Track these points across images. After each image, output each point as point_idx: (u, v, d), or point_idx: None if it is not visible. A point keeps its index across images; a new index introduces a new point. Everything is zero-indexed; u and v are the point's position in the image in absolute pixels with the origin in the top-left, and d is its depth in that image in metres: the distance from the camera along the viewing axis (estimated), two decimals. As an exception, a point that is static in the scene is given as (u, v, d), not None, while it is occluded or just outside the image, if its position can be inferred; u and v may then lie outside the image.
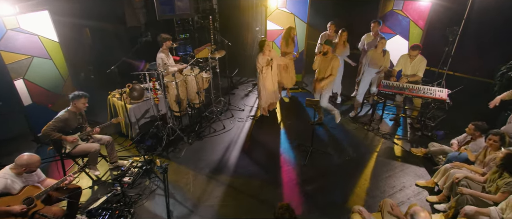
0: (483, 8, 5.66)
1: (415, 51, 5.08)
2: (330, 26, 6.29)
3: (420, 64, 5.17)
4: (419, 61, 5.19)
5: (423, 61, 5.16)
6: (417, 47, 5.08)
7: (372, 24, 6.02)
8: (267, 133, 5.57)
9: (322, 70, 5.27)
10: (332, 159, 4.79)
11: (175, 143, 5.14)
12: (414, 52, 5.08)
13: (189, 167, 4.57)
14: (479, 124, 3.96)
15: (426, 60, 5.17)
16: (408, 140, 5.27)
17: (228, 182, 4.27)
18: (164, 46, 5.24)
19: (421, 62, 5.17)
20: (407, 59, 5.29)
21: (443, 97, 4.77)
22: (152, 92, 4.62)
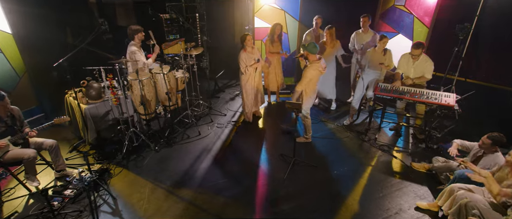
0: (500, 2, 4.92)
1: (418, 50, 4.34)
2: (316, 19, 5.61)
3: (425, 64, 4.43)
4: (423, 61, 4.45)
5: (429, 61, 4.43)
6: (420, 45, 4.34)
7: (362, 19, 5.32)
8: (247, 141, 4.89)
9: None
10: (317, 173, 4.08)
11: (140, 150, 4.51)
12: (417, 50, 4.34)
13: (149, 179, 3.92)
14: (496, 136, 3.20)
15: (431, 61, 4.44)
16: (410, 153, 4.52)
17: (190, 198, 3.60)
18: (136, 39, 4.67)
19: (426, 62, 4.43)
20: (409, 59, 4.56)
21: (451, 103, 4.03)
22: (109, 91, 4.02)
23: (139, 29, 4.65)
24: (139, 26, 4.65)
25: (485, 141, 3.27)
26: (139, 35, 4.67)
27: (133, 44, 4.68)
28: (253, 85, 5.05)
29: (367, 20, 5.33)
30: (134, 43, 4.68)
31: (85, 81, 4.15)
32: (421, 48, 4.35)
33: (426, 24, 5.34)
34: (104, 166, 4.05)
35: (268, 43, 5.60)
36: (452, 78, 5.55)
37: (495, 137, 3.19)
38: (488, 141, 3.24)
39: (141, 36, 4.69)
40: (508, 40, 5.01)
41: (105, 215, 3.32)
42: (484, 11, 5.08)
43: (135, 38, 4.68)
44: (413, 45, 4.37)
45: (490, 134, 3.25)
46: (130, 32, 4.64)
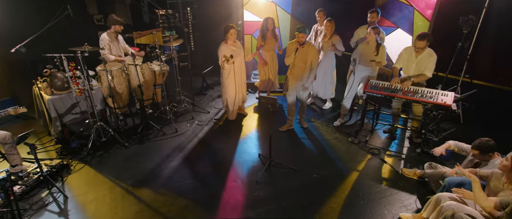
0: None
1: (423, 41, 3.80)
2: (318, 13, 5.22)
3: (429, 60, 3.89)
4: (427, 56, 3.91)
5: (433, 56, 3.89)
6: (426, 36, 3.80)
7: (370, 15, 4.85)
8: (226, 140, 4.53)
9: (298, 63, 4.32)
10: (295, 177, 3.68)
11: (109, 146, 4.22)
12: (422, 42, 3.80)
13: (110, 177, 3.62)
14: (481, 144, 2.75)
15: (435, 56, 3.92)
16: (402, 159, 4.06)
17: (149, 199, 3.26)
18: (112, 29, 4.42)
19: (430, 57, 3.89)
20: (411, 53, 4.01)
21: (447, 103, 3.56)
22: (72, 82, 3.74)
23: (119, 21, 4.39)
24: (121, 18, 4.39)
25: (473, 152, 2.82)
26: (116, 27, 4.42)
27: (108, 33, 4.43)
28: (234, 81, 4.71)
29: (376, 15, 4.82)
30: (108, 32, 4.43)
31: (47, 70, 3.89)
32: (427, 40, 3.81)
33: (427, 17, 4.86)
34: (64, 161, 3.77)
35: (259, 40, 5.24)
36: (457, 79, 5.05)
37: (481, 145, 2.73)
38: (475, 152, 2.79)
39: (118, 28, 4.44)
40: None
41: (49, 215, 3.01)
42: (492, 2, 4.58)
43: (111, 28, 4.42)
44: (418, 36, 3.83)
45: (474, 144, 2.80)
46: (109, 21, 4.39)
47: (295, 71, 4.37)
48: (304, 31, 4.15)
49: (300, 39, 4.17)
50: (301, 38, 4.16)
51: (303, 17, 5.87)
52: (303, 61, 4.30)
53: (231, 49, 4.53)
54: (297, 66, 4.32)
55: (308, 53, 4.25)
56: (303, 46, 4.21)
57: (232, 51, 4.51)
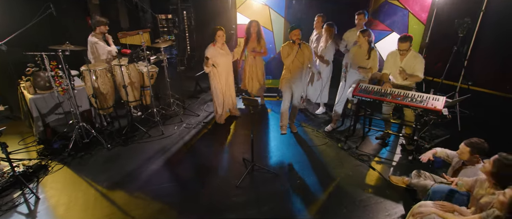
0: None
1: (405, 43, 3.70)
2: (317, 19, 5.14)
3: (415, 61, 3.77)
4: (412, 58, 3.80)
5: (418, 58, 3.78)
6: (408, 38, 3.70)
7: (357, 16, 4.76)
8: (212, 144, 4.42)
9: (296, 64, 4.27)
10: (278, 182, 3.53)
11: (91, 147, 4.15)
12: (404, 44, 3.71)
13: (87, 178, 3.53)
14: (475, 142, 2.59)
15: (421, 57, 3.81)
16: (393, 166, 3.88)
17: (122, 202, 3.15)
18: (97, 30, 4.40)
19: (416, 59, 3.77)
20: (396, 56, 3.94)
21: (438, 107, 3.39)
22: (54, 81, 3.69)
23: (103, 21, 4.37)
24: (105, 19, 4.36)
25: (462, 148, 2.67)
26: (101, 27, 4.39)
27: (94, 35, 4.41)
28: (219, 84, 4.62)
29: (363, 17, 4.74)
30: (94, 34, 4.41)
31: (30, 68, 3.85)
32: (409, 42, 3.71)
33: (422, 21, 4.71)
34: (42, 162, 3.70)
35: (243, 43, 5.17)
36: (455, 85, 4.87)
37: (474, 143, 2.57)
38: (466, 148, 2.63)
39: (103, 29, 4.41)
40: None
41: (17, 217, 2.92)
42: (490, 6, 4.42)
43: (97, 29, 4.40)
44: (399, 38, 3.75)
45: (468, 140, 2.63)
46: (93, 22, 4.37)
47: (293, 71, 4.29)
48: (299, 27, 4.10)
49: (296, 36, 4.08)
50: (297, 36, 4.08)
51: (296, 20, 5.78)
52: (301, 61, 4.28)
53: (218, 52, 4.46)
54: (295, 66, 4.27)
55: (304, 53, 4.24)
56: (301, 47, 4.15)
57: (220, 54, 4.45)
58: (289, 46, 4.18)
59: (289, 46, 4.18)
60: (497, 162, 2.10)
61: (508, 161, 2.06)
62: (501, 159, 2.08)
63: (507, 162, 2.06)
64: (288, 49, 4.20)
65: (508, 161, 2.05)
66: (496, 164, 2.09)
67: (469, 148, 2.64)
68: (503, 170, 2.06)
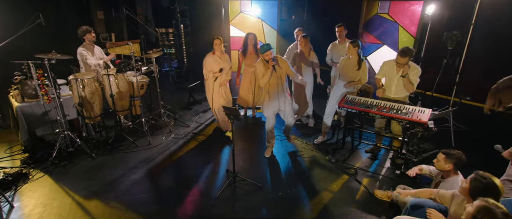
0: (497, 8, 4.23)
1: (405, 58, 3.51)
2: (297, 32, 5.15)
3: (412, 73, 3.63)
4: (410, 69, 3.64)
5: (416, 69, 3.63)
6: (408, 52, 3.49)
7: (338, 29, 4.78)
8: (198, 154, 4.38)
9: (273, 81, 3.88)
10: (259, 194, 3.44)
11: (76, 156, 4.13)
12: (404, 59, 3.51)
13: (66, 187, 3.49)
14: (453, 153, 2.49)
15: (419, 68, 3.66)
16: (379, 180, 3.76)
17: (96, 212, 3.10)
18: (86, 40, 4.47)
19: (413, 70, 3.62)
20: (393, 67, 3.75)
21: (423, 120, 3.30)
22: (39, 89, 3.72)
23: (88, 29, 4.45)
24: (88, 26, 4.44)
25: (439, 157, 2.57)
26: (88, 35, 4.47)
27: (84, 45, 4.48)
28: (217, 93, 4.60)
29: (343, 29, 4.78)
30: (84, 44, 4.49)
31: (17, 77, 3.90)
32: (409, 57, 3.52)
33: (412, 34, 4.69)
34: (23, 170, 3.68)
35: (240, 56, 5.17)
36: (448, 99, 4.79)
37: (451, 153, 2.47)
38: (442, 155, 2.53)
39: (90, 37, 4.49)
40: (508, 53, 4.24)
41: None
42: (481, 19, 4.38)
43: (85, 39, 4.48)
44: (400, 52, 3.53)
45: (445, 150, 2.54)
46: (80, 33, 4.45)
47: (271, 90, 3.94)
48: (269, 48, 3.68)
49: (268, 57, 3.67)
50: (269, 57, 3.67)
51: (289, 34, 5.82)
52: (278, 77, 3.88)
53: (217, 61, 4.47)
54: (272, 86, 3.90)
55: (281, 68, 3.89)
56: (277, 63, 3.80)
57: (218, 63, 4.46)
58: (264, 65, 3.79)
59: (264, 65, 3.79)
60: (473, 181, 1.99)
61: (485, 179, 1.95)
62: (477, 177, 1.98)
63: (484, 181, 1.94)
64: (263, 69, 3.80)
65: (485, 180, 1.94)
66: (473, 183, 1.98)
67: (444, 155, 2.54)
68: (479, 189, 1.95)
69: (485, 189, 1.91)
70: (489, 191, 1.89)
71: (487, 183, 1.93)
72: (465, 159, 2.49)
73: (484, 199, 1.72)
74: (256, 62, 3.90)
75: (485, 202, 1.69)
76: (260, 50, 3.73)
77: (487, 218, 1.64)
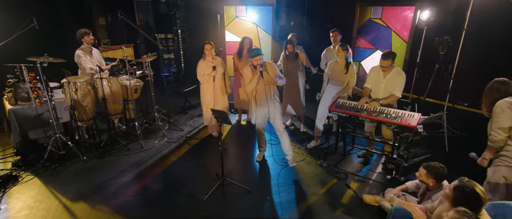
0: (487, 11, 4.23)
1: (387, 61, 3.60)
2: (291, 37, 5.18)
3: (397, 79, 3.67)
4: (395, 75, 3.70)
5: (401, 75, 3.67)
6: (390, 55, 3.60)
7: (332, 34, 4.80)
8: (190, 158, 4.37)
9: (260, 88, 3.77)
10: (247, 198, 3.43)
11: (67, 159, 4.14)
12: (386, 61, 3.60)
13: (54, 190, 3.50)
14: (434, 167, 2.47)
15: (404, 74, 3.72)
16: (369, 184, 3.73)
17: (82, 214, 3.10)
18: (84, 43, 4.51)
19: (398, 77, 3.67)
20: (379, 72, 3.82)
21: (412, 124, 3.29)
22: (31, 92, 3.76)
23: (86, 31, 4.49)
24: (86, 29, 4.49)
25: (420, 171, 2.55)
26: (86, 38, 4.50)
27: (82, 48, 4.52)
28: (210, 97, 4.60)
29: (337, 34, 4.80)
30: (82, 47, 4.52)
31: (10, 80, 3.94)
32: (391, 59, 3.61)
33: (404, 39, 4.69)
34: (13, 172, 3.70)
35: (235, 59, 5.20)
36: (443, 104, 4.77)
37: (432, 167, 2.45)
38: (423, 170, 2.51)
39: (88, 39, 4.52)
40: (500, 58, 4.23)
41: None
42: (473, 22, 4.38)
43: (83, 42, 4.52)
44: (382, 55, 3.64)
45: (427, 163, 2.52)
46: (78, 36, 4.49)
47: (258, 96, 3.84)
48: (258, 53, 3.60)
49: (257, 62, 3.58)
50: (257, 62, 3.58)
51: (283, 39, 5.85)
52: (266, 83, 3.77)
53: (209, 66, 4.48)
54: (260, 92, 3.79)
55: (268, 73, 3.78)
56: (265, 69, 3.71)
57: (210, 68, 4.44)
58: (252, 71, 3.70)
59: (252, 71, 3.70)
60: (457, 188, 1.95)
61: (468, 188, 1.91)
62: (461, 185, 1.94)
63: (468, 189, 1.90)
64: (250, 74, 3.72)
65: (468, 188, 1.90)
66: (456, 190, 1.95)
67: (425, 171, 2.53)
68: (463, 197, 1.91)
69: (467, 198, 1.87)
70: (471, 200, 1.86)
71: (469, 193, 1.88)
72: (446, 173, 2.46)
73: (458, 211, 1.70)
74: (244, 67, 3.83)
75: (458, 214, 1.67)
76: (250, 54, 3.65)
77: None
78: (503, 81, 2.54)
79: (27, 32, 3.87)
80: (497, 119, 2.43)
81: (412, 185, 2.89)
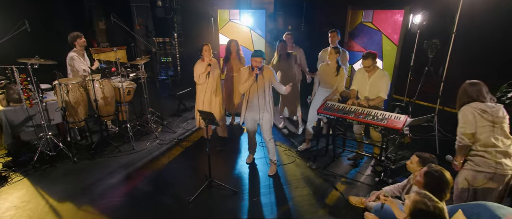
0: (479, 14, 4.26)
1: (367, 60, 3.68)
2: (286, 37, 5.22)
3: (381, 81, 3.74)
4: (379, 77, 3.76)
5: (385, 77, 3.74)
6: (370, 55, 3.69)
7: (330, 34, 4.81)
8: (181, 160, 4.39)
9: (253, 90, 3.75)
10: (235, 198, 3.44)
11: (58, 160, 4.17)
12: (366, 61, 3.69)
13: (42, 191, 3.52)
14: (426, 156, 2.50)
15: (388, 76, 3.78)
16: (357, 187, 3.73)
17: (69, 215, 3.12)
18: (77, 46, 4.56)
19: (382, 78, 3.74)
20: (364, 74, 3.89)
21: (397, 126, 3.30)
22: (22, 93, 3.80)
23: (78, 34, 4.54)
24: (78, 32, 4.54)
25: (412, 159, 2.57)
26: (78, 41, 4.55)
27: (75, 51, 4.57)
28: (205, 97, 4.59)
29: (336, 35, 4.80)
30: (75, 50, 4.57)
31: (2, 82, 3.99)
32: (371, 59, 3.69)
33: (394, 42, 4.72)
34: (2, 173, 3.73)
35: (223, 62, 5.22)
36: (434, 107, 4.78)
37: (425, 157, 2.48)
38: (416, 158, 2.55)
39: (81, 42, 4.57)
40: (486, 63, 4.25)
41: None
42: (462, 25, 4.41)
43: (76, 45, 4.57)
44: (362, 55, 3.75)
45: (420, 152, 2.56)
46: (70, 39, 4.54)
47: (250, 98, 3.80)
48: (261, 55, 3.54)
49: (257, 63, 3.52)
50: (257, 63, 3.52)
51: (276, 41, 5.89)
52: (259, 87, 3.69)
53: (206, 67, 4.48)
54: (252, 93, 3.76)
55: (264, 77, 3.68)
56: (261, 72, 3.62)
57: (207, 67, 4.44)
58: (249, 72, 3.65)
59: (249, 72, 3.65)
60: (427, 174, 2.03)
61: (437, 172, 1.99)
62: (430, 171, 2.02)
63: (437, 174, 1.99)
64: (247, 75, 3.67)
65: (437, 173, 1.99)
66: (427, 176, 2.02)
67: (418, 159, 2.56)
68: (433, 181, 1.99)
69: (437, 182, 2.00)
70: (441, 184, 1.99)
71: (439, 177, 2.01)
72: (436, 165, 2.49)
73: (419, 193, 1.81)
74: (242, 68, 3.84)
75: (419, 197, 1.77)
76: (252, 54, 3.60)
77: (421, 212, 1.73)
78: (473, 83, 2.56)
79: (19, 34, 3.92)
80: (461, 124, 2.46)
81: (389, 189, 2.89)
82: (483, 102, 2.45)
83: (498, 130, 2.44)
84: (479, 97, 2.46)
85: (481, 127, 2.41)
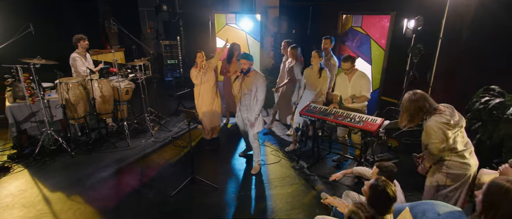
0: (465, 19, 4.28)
1: (347, 63, 3.80)
2: (283, 44, 5.40)
3: (361, 81, 3.85)
4: (359, 78, 3.88)
5: (365, 77, 3.86)
6: (349, 58, 3.80)
7: (324, 41, 4.93)
8: (171, 157, 4.59)
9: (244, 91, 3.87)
10: (216, 194, 3.61)
11: (57, 154, 4.46)
12: (346, 64, 3.81)
13: (38, 181, 3.80)
14: (384, 166, 2.56)
15: (368, 76, 3.89)
16: (336, 187, 3.83)
17: (59, 203, 3.38)
18: (79, 47, 4.87)
19: (362, 79, 3.86)
20: (344, 77, 4.01)
21: (372, 128, 3.39)
22: (26, 91, 4.12)
23: (82, 37, 4.84)
24: (82, 34, 4.85)
25: (373, 170, 2.64)
26: (81, 42, 4.85)
27: (77, 52, 4.87)
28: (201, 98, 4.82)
29: (329, 42, 4.91)
30: (78, 51, 4.88)
31: (9, 80, 4.33)
32: (351, 62, 3.81)
33: (382, 46, 4.79)
34: (5, 164, 4.05)
35: (224, 63, 5.42)
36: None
37: (383, 166, 2.54)
38: (376, 169, 2.60)
39: (84, 44, 4.87)
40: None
41: None
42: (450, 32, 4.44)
43: (79, 47, 4.87)
44: (342, 58, 3.88)
45: (381, 162, 2.62)
46: (74, 41, 4.85)
47: (240, 99, 3.95)
48: (247, 58, 3.72)
49: (243, 66, 3.71)
50: (243, 65, 3.71)
51: (270, 46, 6.06)
52: (249, 89, 3.82)
53: (200, 74, 4.70)
54: (237, 97, 3.96)
55: (253, 82, 3.77)
56: (248, 75, 3.75)
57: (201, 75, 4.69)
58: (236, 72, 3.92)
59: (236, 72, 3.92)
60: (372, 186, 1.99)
61: (381, 187, 1.96)
62: (375, 184, 1.99)
63: (380, 189, 1.98)
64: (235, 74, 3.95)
65: (381, 187, 1.97)
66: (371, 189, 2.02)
67: (378, 170, 2.62)
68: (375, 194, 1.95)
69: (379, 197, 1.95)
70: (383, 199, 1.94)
71: (381, 191, 1.93)
72: (395, 172, 2.54)
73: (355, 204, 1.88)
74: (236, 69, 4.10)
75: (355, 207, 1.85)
76: (241, 56, 3.78)
77: None
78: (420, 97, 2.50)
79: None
80: (431, 140, 2.46)
81: (360, 170, 2.98)
82: (439, 113, 2.48)
83: (461, 134, 2.51)
84: (436, 109, 2.50)
85: (449, 138, 2.46)
